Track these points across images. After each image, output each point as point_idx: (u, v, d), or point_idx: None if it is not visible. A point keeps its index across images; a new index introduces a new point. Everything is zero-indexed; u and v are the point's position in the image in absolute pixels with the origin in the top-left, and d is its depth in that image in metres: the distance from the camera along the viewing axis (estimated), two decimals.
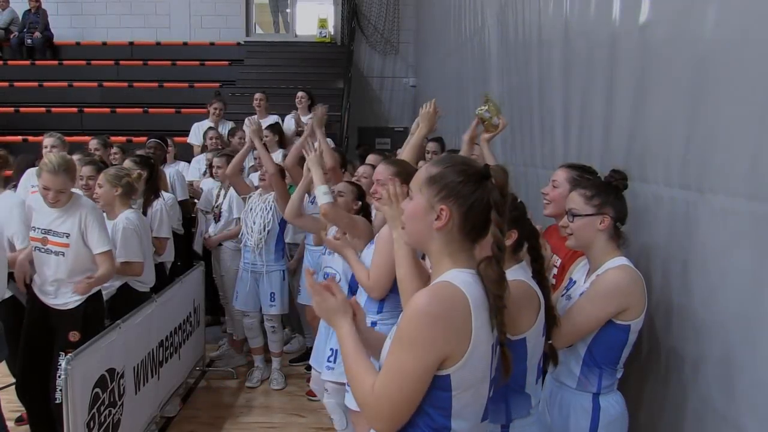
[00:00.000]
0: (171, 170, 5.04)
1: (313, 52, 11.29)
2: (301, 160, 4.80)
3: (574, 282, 2.31)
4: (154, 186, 4.16)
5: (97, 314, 3.27)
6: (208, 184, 5.60)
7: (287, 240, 4.81)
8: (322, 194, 3.10)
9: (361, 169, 3.97)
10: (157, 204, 4.09)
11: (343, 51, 11.31)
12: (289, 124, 7.05)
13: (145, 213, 3.90)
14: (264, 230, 4.48)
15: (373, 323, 2.78)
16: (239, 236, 4.90)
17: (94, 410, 2.82)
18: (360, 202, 3.39)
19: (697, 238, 2.12)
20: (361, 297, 2.83)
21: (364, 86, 11.94)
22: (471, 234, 1.45)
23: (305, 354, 5.15)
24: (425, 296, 1.36)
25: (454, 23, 7.45)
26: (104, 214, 3.38)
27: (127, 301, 3.48)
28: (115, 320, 3.27)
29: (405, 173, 2.82)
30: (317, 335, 3.55)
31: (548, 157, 3.82)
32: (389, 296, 2.75)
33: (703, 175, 2.09)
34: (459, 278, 1.40)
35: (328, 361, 3.26)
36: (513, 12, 4.66)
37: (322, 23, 11.82)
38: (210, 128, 6.48)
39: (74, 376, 2.62)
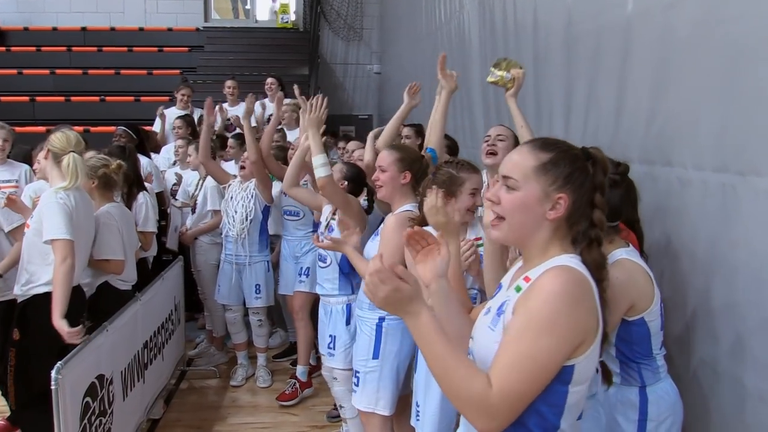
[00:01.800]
0: (144, 161, 4.77)
1: (275, 38, 11.03)
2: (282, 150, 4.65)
3: None
4: (137, 178, 3.92)
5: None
6: (182, 175, 5.38)
7: (270, 231, 4.62)
8: (319, 165, 2.91)
9: (357, 153, 3.82)
10: (141, 197, 3.85)
11: (306, 37, 11.07)
12: (258, 110, 6.80)
13: (129, 207, 3.65)
14: (246, 219, 4.29)
15: (382, 318, 2.65)
16: (220, 228, 4.70)
17: (86, 421, 2.61)
18: (346, 182, 3.23)
19: (739, 224, 2.04)
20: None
21: (328, 73, 11.71)
22: (575, 218, 1.37)
23: (289, 349, 4.99)
24: (558, 278, 1.26)
25: (426, 8, 7.31)
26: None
27: (108, 300, 3.25)
28: (97, 321, 3.05)
29: (409, 159, 2.70)
30: (320, 321, 3.40)
31: None
32: None
33: (742, 157, 2.02)
34: (573, 263, 1.32)
35: (329, 347, 3.16)
36: None
37: (284, 8, 11.54)
38: (178, 117, 6.20)
39: (65, 385, 2.40)
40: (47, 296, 2.80)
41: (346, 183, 3.18)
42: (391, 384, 2.66)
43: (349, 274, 3.18)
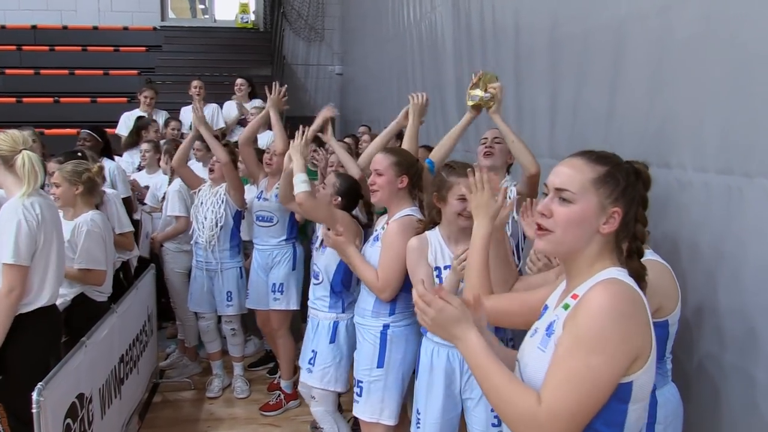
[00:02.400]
0: (111, 164, 4.56)
1: (235, 38, 10.83)
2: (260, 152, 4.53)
3: None
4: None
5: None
6: (143, 179, 5.21)
7: (244, 237, 4.48)
8: (300, 182, 2.84)
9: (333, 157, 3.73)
10: (105, 197, 3.65)
11: (266, 37, 10.90)
12: (228, 111, 6.66)
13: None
14: (216, 226, 4.14)
15: (386, 326, 2.58)
16: (189, 233, 4.54)
17: None
18: (339, 198, 3.11)
19: (746, 226, 2.05)
20: (368, 300, 2.61)
21: (289, 74, 11.56)
22: (624, 232, 1.36)
23: (265, 357, 4.86)
24: (606, 293, 1.23)
25: (393, 9, 7.27)
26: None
27: (84, 313, 3.07)
28: (73, 336, 2.89)
29: (405, 163, 2.64)
30: (306, 333, 3.30)
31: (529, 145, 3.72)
32: (400, 296, 2.56)
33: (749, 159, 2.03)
34: (622, 276, 1.30)
35: (309, 363, 3.05)
36: None
37: (244, 8, 11.32)
38: (139, 117, 6.00)
39: (46, 408, 2.24)
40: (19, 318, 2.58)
41: (339, 199, 3.03)
42: (396, 393, 2.60)
43: (340, 292, 3.05)
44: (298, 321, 4.38)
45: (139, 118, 6.02)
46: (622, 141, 2.71)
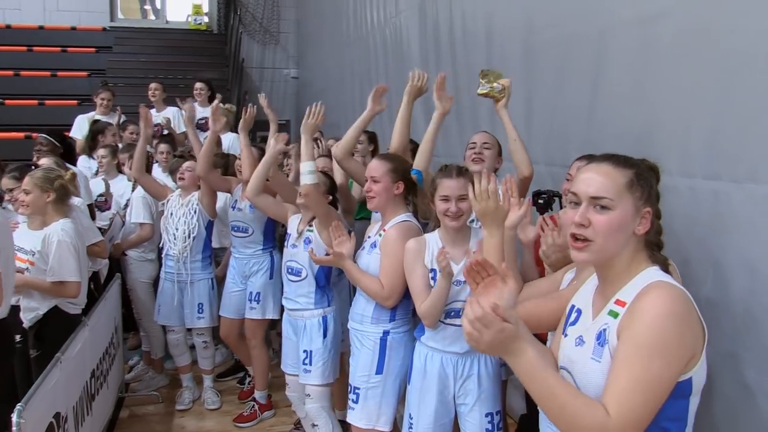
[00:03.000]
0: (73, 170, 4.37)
1: (188, 40, 10.61)
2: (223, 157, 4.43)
3: None
4: None
5: None
6: (100, 185, 5.02)
7: (214, 245, 4.37)
8: (307, 172, 2.80)
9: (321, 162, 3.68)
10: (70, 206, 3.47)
11: (220, 40, 10.71)
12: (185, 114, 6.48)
13: None
14: (189, 237, 4.01)
15: (386, 332, 2.55)
16: (154, 243, 4.40)
17: None
18: (331, 196, 3.11)
19: (733, 231, 2.11)
20: (367, 306, 2.58)
21: (244, 77, 11.39)
22: (652, 230, 1.38)
23: (234, 367, 4.75)
24: (660, 299, 1.25)
25: (354, 13, 7.24)
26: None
27: (58, 327, 2.93)
28: (45, 351, 2.76)
29: (401, 169, 2.62)
30: (283, 339, 3.26)
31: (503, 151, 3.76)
32: (401, 302, 2.54)
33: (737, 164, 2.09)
34: (664, 276, 1.33)
35: (304, 363, 3.03)
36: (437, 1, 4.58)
37: (197, 10, 11.09)
38: (95, 120, 5.78)
39: (26, 430, 2.12)
40: None
41: (331, 198, 3.05)
42: (393, 399, 2.57)
43: (324, 287, 3.07)
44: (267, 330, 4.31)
45: (95, 121, 5.80)
46: (604, 146, 2.76)
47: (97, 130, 5.55)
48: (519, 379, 1.30)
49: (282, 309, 4.19)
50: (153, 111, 5.95)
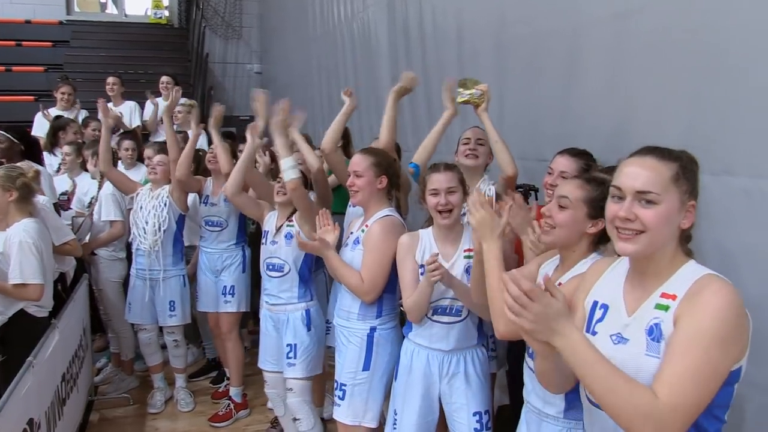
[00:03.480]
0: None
1: (148, 34, 10.39)
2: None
3: None
4: None
5: None
6: (63, 183, 4.88)
7: (185, 242, 4.29)
8: (289, 168, 2.80)
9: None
10: (38, 203, 3.36)
11: (181, 34, 10.52)
12: (148, 110, 6.38)
13: None
14: (159, 230, 3.93)
15: (373, 329, 2.55)
16: (129, 239, 4.30)
17: None
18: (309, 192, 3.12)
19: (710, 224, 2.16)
20: (353, 303, 2.57)
21: (206, 72, 11.22)
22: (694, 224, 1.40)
23: (206, 366, 4.68)
24: (721, 292, 1.27)
25: (320, 7, 7.18)
26: None
27: (23, 330, 2.84)
28: (12, 356, 2.67)
29: (384, 163, 2.62)
30: (261, 335, 3.23)
31: None
32: (385, 297, 2.55)
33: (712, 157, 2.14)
34: (707, 269, 1.34)
35: (288, 357, 3.03)
36: None
37: (157, 3, 10.87)
38: (57, 116, 5.62)
39: None
40: None
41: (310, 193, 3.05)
42: (380, 396, 2.57)
43: (308, 281, 3.07)
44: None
45: (56, 117, 5.63)
46: (578, 141, 2.81)
47: (58, 127, 5.39)
48: (565, 360, 1.28)
49: (251, 305, 4.20)
50: (110, 105, 5.81)
